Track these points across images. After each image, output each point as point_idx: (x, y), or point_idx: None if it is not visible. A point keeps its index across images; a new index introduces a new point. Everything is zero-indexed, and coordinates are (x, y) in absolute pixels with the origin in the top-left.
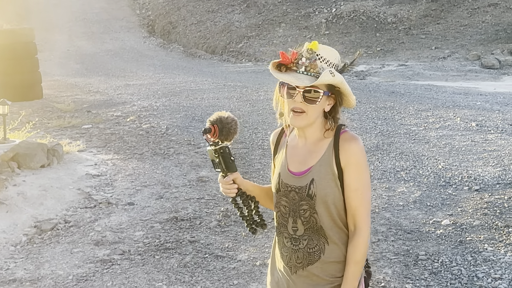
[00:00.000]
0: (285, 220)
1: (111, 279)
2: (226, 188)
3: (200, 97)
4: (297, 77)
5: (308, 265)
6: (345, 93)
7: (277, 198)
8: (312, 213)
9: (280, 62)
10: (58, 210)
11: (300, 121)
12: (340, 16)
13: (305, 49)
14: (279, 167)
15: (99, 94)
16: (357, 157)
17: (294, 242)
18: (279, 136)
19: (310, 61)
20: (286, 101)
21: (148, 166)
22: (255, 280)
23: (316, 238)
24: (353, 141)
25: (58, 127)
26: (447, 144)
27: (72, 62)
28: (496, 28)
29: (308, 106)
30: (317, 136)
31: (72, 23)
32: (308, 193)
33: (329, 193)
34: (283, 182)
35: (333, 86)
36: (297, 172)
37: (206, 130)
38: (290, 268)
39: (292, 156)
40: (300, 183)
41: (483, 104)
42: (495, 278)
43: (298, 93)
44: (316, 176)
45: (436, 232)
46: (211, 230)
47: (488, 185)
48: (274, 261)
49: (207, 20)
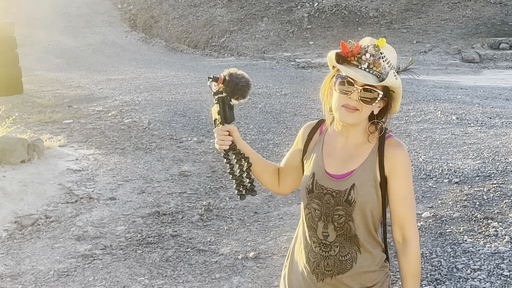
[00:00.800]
0: (315, 223)
1: (92, 274)
2: (220, 138)
3: (183, 91)
4: (360, 73)
5: (339, 273)
6: (397, 98)
7: (308, 200)
8: (347, 220)
9: (340, 54)
10: (39, 206)
11: (351, 118)
12: (322, 10)
13: (370, 44)
14: (313, 166)
15: (80, 89)
16: (404, 164)
17: (324, 248)
18: (312, 130)
19: (375, 58)
20: (339, 96)
21: (130, 160)
22: (237, 273)
23: (348, 246)
24: (400, 147)
25: (38, 122)
26: (428, 137)
27: (53, 57)
28: (477, 22)
29: (363, 105)
30: (359, 139)
31: (52, 17)
32: (347, 198)
33: (369, 201)
34: (317, 183)
35: (388, 89)
36: (336, 175)
37: (213, 78)
38: (317, 275)
39: (329, 157)
40: (339, 186)
41: (464, 98)
42: (474, 269)
43: (355, 91)
44: (357, 182)
45: (417, 224)
46: (193, 224)
47: (468, 178)
48: (292, 265)
49: (189, 15)
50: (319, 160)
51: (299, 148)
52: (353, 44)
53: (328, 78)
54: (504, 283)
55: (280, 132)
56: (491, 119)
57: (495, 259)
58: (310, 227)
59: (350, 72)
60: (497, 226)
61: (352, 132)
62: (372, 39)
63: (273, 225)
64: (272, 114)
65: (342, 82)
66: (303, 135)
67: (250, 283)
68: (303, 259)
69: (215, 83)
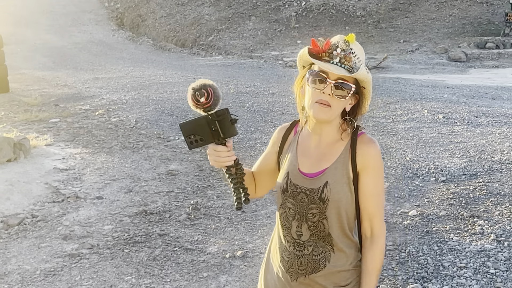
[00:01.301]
0: (289, 223)
1: (79, 274)
2: (225, 155)
3: (170, 90)
4: (333, 66)
5: (312, 273)
6: (367, 96)
7: (282, 199)
8: (321, 218)
9: (311, 51)
10: (25, 205)
11: (324, 114)
12: (310, 9)
13: (340, 40)
14: (288, 165)
15: (67, 87)
16: (376, 161)
17: (298, 248)
18: (286, 131)
19: (345, 53)
20: (312, 92)
21: (117, 160)
22: (225, 272)
23: (322, 245)
24: (372, 144)
25: (25, 121)
26: (415, 136)
27: (39, 55)
28: (463, 22)
29: (335, 100)
30: (332, 137)
31: (39, 15)
32: (321, 196)
33: (342, 198)
34: (292, 182)
35: (359, 85)
36: (310, 174)
37: (200, 93)
38: (291, 275)
39: (303, 156)
40: (313, 185)
41: (450, 97)
42: (461, 267)
43: (328, 85)
44: (330, 179)
45: (404, 222)
46: (181, 223)
47: (454, 176)
48: (268, 264)
49: (176, 13)
50: (294, 159)
51: (274, 150)
52: (323, 41)
53: (299, 77)
54: (490, 281)
55: (267, 131)
56: (477, 118)
57: (481, 257)
58: (285, 226)
59: (324, 65)
60: (483, 224)
61: (325, 130)
62: (341, 36)
63: (260, 224)
64: (259, 113)
65: (314, 79)
66: (278, 137)
67: (238, 281)
68: (278, 259)
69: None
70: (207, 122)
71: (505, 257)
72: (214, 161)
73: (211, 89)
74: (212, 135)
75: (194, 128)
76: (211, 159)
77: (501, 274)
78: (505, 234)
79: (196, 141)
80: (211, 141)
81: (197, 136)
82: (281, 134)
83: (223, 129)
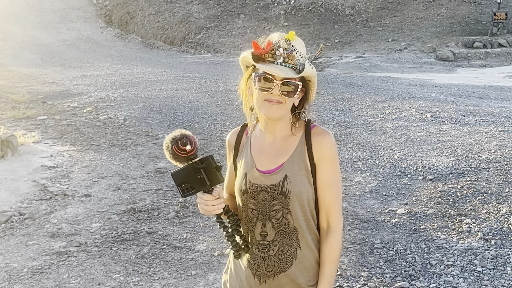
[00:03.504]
0: (253, 225)
1: (67, 271)
2: (213, 204)
3: (159, 88)
4: (278, 68)
5: (280, 272)
6: (313, 86)
7: (243, 201)
8: (285, 213)
9: (254, 53)
10: (13, 202)
11: (276, 112)
12: (299, 8)
13: (281, 39)
14: (244, 167)
15: (55, 85)
16: (331, 151)
17: (263, 249)
18: (238, 135)
19: (288, 51)
20: (259, 94)
21: (105, 157)
22: (213, 270)
23: (288, 243)
24: (326, 134)
25: (12, 118)
26: (403, 134)
27: (27, 52)
28: (451, 21)
29: (285, 98)
30: (286, 132)
31: (27, 12)
32: (282, 191)
33: (303, 190)
34: (250, 183)
35: (304, 79)
36: (268, 171)
37: (184, 142)
38: (259, 278)
39: (259, 155)
40: (272, 181)
41: (438, 96)
42: (448, 265)
43: (276, 86)
44: (289, 172)
45: (392, 221)
46: (169, 221)
47: (442, 175)
48: (233, 271)
49: (165, 11)
50: (249, 160)
51: (232, 159)
52: (263, 41)
53: (244, 79)
54: (477, 279)
55: None
56: (465, 117)
57: (468, 255)
58: (248, 229)
59: (269, 68)
60: (470, 222)
61: (279, 126)
62: (281, 34)
63: None
64: None
65: (260, 80)
66: (230, 143)
67: None
68: (244, 263)
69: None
70: (194, 169)
71: (492, 255)
72: (203, 209)
73: (192, 137)
74: (200, 183)
75: (184, 176)
76: (200, 208)
77: (488, 272)
78: (492, 232)
79: (188, 189)
80: (200, 189)
81: (188, 185)
82: (234, 138)
83: (209, 176)
